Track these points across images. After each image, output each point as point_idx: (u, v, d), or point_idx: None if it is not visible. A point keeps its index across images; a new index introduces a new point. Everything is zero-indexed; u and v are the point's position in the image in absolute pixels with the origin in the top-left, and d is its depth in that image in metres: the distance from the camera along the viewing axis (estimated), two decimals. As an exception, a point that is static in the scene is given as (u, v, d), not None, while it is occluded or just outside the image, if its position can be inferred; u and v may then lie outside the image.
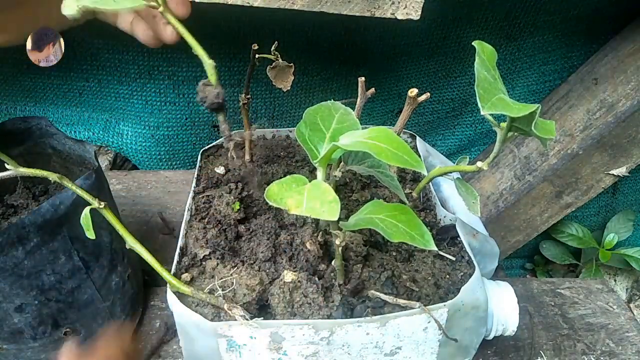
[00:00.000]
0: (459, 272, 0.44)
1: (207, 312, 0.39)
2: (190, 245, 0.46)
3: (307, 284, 0.40)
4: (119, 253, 0.54)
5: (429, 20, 0.55)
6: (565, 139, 0.79)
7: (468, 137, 0.89)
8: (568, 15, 0.75)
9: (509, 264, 1.04)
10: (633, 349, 0.59)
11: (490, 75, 0.34)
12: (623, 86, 0.74)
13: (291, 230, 0.46)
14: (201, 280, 0.42)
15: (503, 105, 0.32)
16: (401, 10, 0.54)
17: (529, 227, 0.87)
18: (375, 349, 0.40)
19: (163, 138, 0.87)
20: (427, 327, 0.40)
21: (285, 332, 0.38)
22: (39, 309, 0.47)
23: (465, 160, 0.47)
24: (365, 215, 0.36)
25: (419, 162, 0.30)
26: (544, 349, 0.58)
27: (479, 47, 0.35)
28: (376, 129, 0.34)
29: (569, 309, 0.64)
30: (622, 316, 0.63)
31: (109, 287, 0.52)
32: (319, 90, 0.79)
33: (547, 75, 0.83)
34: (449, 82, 0.82)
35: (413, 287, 0.41)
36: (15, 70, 0.69)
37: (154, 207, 0.76)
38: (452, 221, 0.48)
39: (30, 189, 0.57)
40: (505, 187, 0.86)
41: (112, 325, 0.52)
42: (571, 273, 1.04)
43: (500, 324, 0.45)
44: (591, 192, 0.81)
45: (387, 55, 0.75)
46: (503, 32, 0.77)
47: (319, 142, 0.38)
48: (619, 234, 0.94)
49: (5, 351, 0.48)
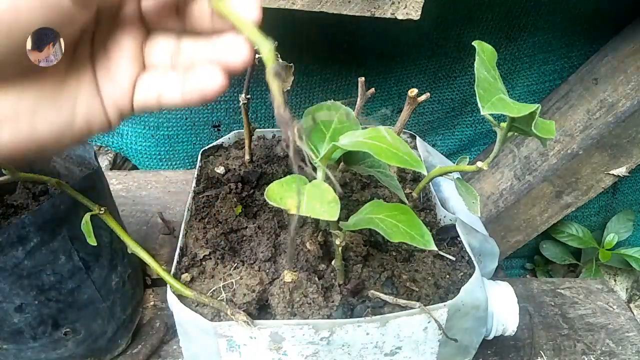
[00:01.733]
0: (459, 272, 0.44)
1: (206, 312, 0.39)
2: (190, 245, 0.46)
3: (307, 284, 0.40)
4: (119, 253, 0.54)
5: (429, 20, 0.55)
6: (565, 139, 0.79)
7: (468, 137, 0.89)
8: (568, 15, 0.75)
9: (509, 264, 1.04)
10: (633, 349, 0.59)
11: (490, 75, 0.34)
12: (623, 86, 0.74)
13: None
14: (201, 280, 0.42)
15: (503, 105, 0.32)
16: (401, 10, 0.54)
17: (529, 227, 0.87)
18: (375, 349, 0.40)
19: (163, 138, 0.87)
20: (427, 327, 0.40)
21: (285, 332, 0.38)
22: (39, 309, 0.47)
23: (465, 160, 0.47)
24: (365, 215, 0.36)
25: (419, 162, 0.30)
26: (544, 349, 0.58)
27: (479, 47, 0.35)
28: (376, 129, 0.34)
29: (569, 309, 0.64)
30: (622, 316, 0.63)
31: (109, 287, 0.52)
32: (319, 90, 0.79)
33: (547, 75, 0.83)
34: (449, 82, 0.82)
35: (413, 287, 0.41)
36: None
37: (154, 207, 0.76)
38: (452, 221, 0.48)
39: (30, 189, 0.57)
40: (505, 187, 0.86)
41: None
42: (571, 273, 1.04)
43: (500, 324, 0.45)
44: (591, 192, 0.81)
45: (387, 55, 0.75)
46: (503, 32, 0.77)
47: (319, 142, 0.38)
48: (619, 234, 0.94)
49: (5, 351, 0.48)
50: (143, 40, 0.32)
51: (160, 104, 0.31)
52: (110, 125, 0.31)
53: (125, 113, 0.31)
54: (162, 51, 0.32)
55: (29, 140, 0.27)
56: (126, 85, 0.31)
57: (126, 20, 0.31)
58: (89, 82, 0.30)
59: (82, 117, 0.29)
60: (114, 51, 0.31)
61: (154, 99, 0.31)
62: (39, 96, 0.28)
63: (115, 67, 0.31)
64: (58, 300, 0.48)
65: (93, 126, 0.30)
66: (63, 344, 0.50)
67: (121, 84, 0.31)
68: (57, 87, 0.29)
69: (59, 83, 0.29)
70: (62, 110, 0.29)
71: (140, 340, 0.57)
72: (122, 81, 0.31)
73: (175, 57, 0.32)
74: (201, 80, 0.30)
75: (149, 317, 0.60)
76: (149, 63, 0.32)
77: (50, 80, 0.28)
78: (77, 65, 0.30)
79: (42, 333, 0.48)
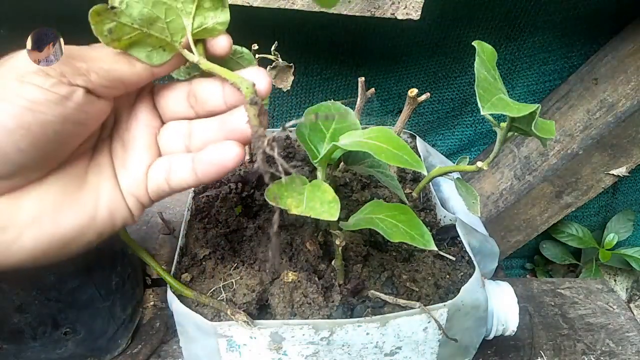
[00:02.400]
0: (459, 272, 0.44)
1: (206, 312, 0.39)
2: (190, 245, 0.46)
3: (307, 284, 0.40)
4: (119, 253, 0.54)
5: (429, 20, 0.55)
6: (565, 139, 0.79)
7: (468, 137, 0.88)
8: (568, 15, 0.75)
9: (509, 264, 1.04)
10: (633, 349, 0.59)
11: (490, 75, 0.34)
12: (623, 86, 0.74)
13: (291, 230, 0.46)
14: (201, 280, 0.42)
15: (503, 105, 0.32)
16: (401, 10, 0.54)
17: (528, 227, 0.87)
18: (375, 349, 0.40)
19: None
20: (427, 327, 0.40)
21: (285, 332, 0.38)
22: (38, 309, 0.47)
23: (465, 160, 0.47)
24: (365, 215, 0.36)
25: (419, 162, 0.30)
26: (544, 349, 0.58)
27: (479, 47, 0.35)
28: (376, 129, 0.34)
29: (569, 309, 0.64)
30: (622, 316, 0.63)
31: (109, 287, 0.52)
32: (319, 90, 0.79)
33: (547, 75, 0.83)
34: (449, 82, 0.82)
35: (413, 287, 0.41)
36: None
37: (154, 207, 0.76)
38: (452, 221, 0.48)
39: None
40: (505, 187, 0.85)
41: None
42: (571, 273, 1.04)
43: (500, 324, 0.45)
44: (591, 192, 0.81)
45: (387, 55, 0.75)
46: (503, 32, 0.76)
47: (319, 142, 0.38)
48: (619, 234, 0.94)
49: (5, 351, 0.48)
50: (157, 129, 0.33)
51: (170, 185, 0.32)
52: (132, 217, 0.32)
53: (143, 202, 0.32)
54: (176, 137, 0.32)
55: (53, 239, 0.28)
56: (140, 175, 0.32)
57: (141, 114, 0.32)
58: (109, 175, 0.31)
59: (105, 209, 0.30)
60: (130, 143, 0.32)
61: (163, 180, 0.32)
62: (62, 192, 0.28)
63: (130, 158, 0.32)
64: (58, 300, 0.48)
65: (116, 218, 0.31)
66: (63, 344, 0.50)
67: (135, 174, 0.32)
68: (79, 182, 0.29)
69: (81, 178, 0.30)
70: (86, 204, 0.29)
71: (140, 340, 0.57)
72: (136, 171, 0.32)
73: (187, 140, 0.32)
74: (218, 154, 0.30)
75: (149, 317, 0.60)
76: (163, 150, 0.33)
77: (73, 177, 0.29)
78: (97, 160, 0.31)
79: (42, 333, 0.48)
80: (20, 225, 0.27)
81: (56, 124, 0.26)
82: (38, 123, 0.25)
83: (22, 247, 0.27)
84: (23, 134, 0.25)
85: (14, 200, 0.27)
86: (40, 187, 0.28)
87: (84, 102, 0.26)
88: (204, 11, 0.30)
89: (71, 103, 0.26)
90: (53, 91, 0.25)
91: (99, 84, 0.27)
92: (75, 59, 0.26)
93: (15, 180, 0.27)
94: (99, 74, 0.27)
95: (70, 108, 0.26)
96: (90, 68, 0.27)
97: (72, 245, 0.29)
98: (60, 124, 0.26)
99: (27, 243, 0.27)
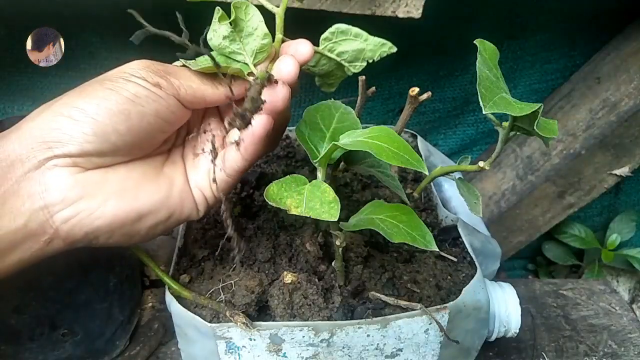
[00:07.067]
0: (461, 273, 0.44)
1: (205, 313, 0.38)
2: (189, 246, 0.45)
3: (307, 285, 0.39)
4: (117, 254, 0.54)
5: (430, 19, 0.54)
6: (567, 139, 0.79)
7: (470, 136, 0.88)
8: (570, 14, 0.75)
9: (511, 265, 1.04)
10: (636, 350, 0.58)
11: (492, 74, 0.34)
12: (626, 85, 0.74)
13: (291, 230, 0.46)
14: (200, 282, 0.41)
15: (505, 104, 0.32)
16: (402, 8, 0.54)
17: (531, 228, 0.87)
18: (376, 350, 0.40)
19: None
20: (429, 329, 0.39)
21: (284, 333, 0.37)
22: (36, 310, 0.47)
23: (467, 160, 0.46)
24: (365, 216, 0.36)
25: (420, 161, 0.30)
26: (546, 350, 0.58)
27: (481, 46, 0.35)
28: (377, 128, 0.33)
29: (571, 310, 0.64)
30: (625, 317, 0.63)
31: (107, 288, 0.52)
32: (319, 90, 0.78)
33: (550, 74, 0.82)
34: (450, 81, 0.81)
35: (414, 288, 0.41)
36: (13, 69, 0.68)
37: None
38: (454, 221, 0.48)
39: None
40: (507, 187, 0.85)
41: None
42: (574, 274, 1.03)
43: (502, 325, 0.45)
44: (594, 192, 0.81)
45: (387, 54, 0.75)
46: (505, 30, 0.76)
47: (319, 141, 0.38)
48: (622, 235, 0.93)
49: (3, 352, 0.48)
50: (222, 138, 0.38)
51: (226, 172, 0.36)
52: (197, 211, 0.37)
53: (207, 197, 0.37)
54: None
55: (132, 210, 0.33)
56: (206, 173, 0.37)
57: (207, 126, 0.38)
58: (181, 172, 0.37)
59: (177, 194, 0.35)
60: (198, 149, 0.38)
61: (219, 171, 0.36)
62: (142, 176, 0.34)
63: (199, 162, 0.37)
64: (56, 301, 0.48)
65: (184, 206, 0.36)
66: (61, 345, 0.50)
67: (202, 172, 0.37)
68: (157, 172, 0.35)
69: (158, 169, 0.36)
70: (161, 186, 0.35)
71: (139, 341, 0.56)
72: (203, 170, 0.37)
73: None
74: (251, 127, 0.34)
75: (147, 319, 0.60)
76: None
77: (152, 167, 0.35)
78: (172, 159, 0.37)
79: (39, 334, 0.48)
80: (106, 194, 0.32)
81: (150, 116, 0.32)
82: (136, 112, 0.31)
83: (103, 213, 0.31)
84: (123, 119, 0.31)
85: (103, 174, 0.32)
86: (126, 168, 0.33)
87: (174, 105, 0.33)
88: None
89: (164, 102, 0.32)
90: (152, 91, 0.32)
91: (185, 99, 0.33)
92: (171, 75, 0.33)
93: (107, 158, 0.32)
94: (187, 91, 0.33)
95: (162, 106, 0.32)
96: (182, 85, 0.33)
97: (146, 220, 0.34)
98: (152, 117, 0.32)
99: (108, 211, 0.32)
